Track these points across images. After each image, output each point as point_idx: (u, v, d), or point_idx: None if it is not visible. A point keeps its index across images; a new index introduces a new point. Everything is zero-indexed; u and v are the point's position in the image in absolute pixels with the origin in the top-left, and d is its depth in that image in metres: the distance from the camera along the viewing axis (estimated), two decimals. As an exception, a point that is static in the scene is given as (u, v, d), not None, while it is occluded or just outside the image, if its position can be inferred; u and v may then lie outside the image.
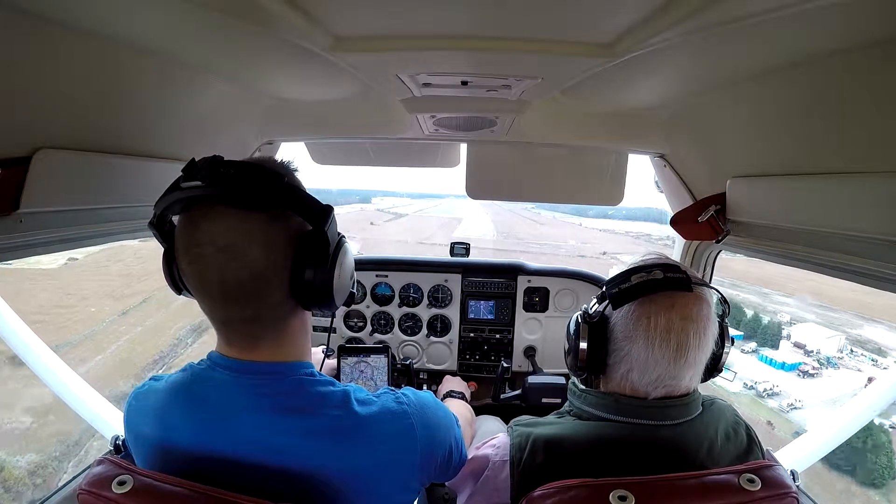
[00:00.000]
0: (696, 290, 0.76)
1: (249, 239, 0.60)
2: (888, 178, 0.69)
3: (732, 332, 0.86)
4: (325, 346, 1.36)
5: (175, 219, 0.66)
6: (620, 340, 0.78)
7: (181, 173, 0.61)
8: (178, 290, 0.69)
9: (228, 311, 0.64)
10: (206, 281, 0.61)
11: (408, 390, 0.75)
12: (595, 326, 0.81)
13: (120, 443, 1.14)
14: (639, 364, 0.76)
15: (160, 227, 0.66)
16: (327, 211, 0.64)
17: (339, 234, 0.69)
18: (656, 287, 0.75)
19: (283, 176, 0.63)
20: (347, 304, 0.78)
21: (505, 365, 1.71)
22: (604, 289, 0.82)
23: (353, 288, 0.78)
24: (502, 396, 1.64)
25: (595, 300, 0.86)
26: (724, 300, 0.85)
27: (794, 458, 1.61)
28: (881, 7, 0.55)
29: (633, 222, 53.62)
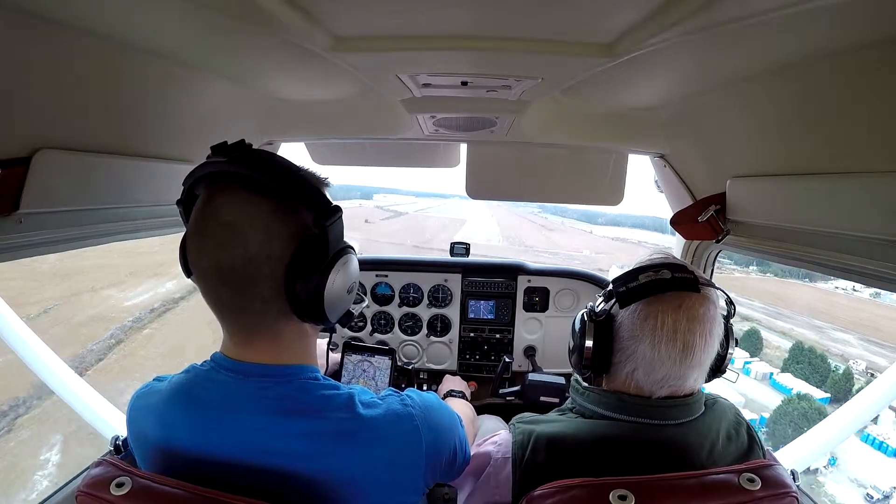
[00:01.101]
0: (703, 291, 0.76)
1: (252, 221, 0.60)
2: (888, 178, 0.69)
3: (820, 394, 0.84)
4: (328, 340, 1.36)
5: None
6: (626, 339, 0.78)
7: (189, 163, 0.62)
8: (188, 273, 0.68)
9: (218, 293, 0.63)
10: (203, 255, 0.61)
11: (412, 392, 0.75)
12: (601, 325, 0.81)
13: (119, 443, 1.14)
14: (644, 363, 0.76)
15: (187, 206, 0.66)
16: (333, 210, 0.64)
17: (345, 242, 0.68)
18: (664, 287, 0.75)
19: (299, 169, 0.64)
20: (343, 322, 0.75)
21: (507, 360, 1.71)
22: (610, 287, 0.82)
23: (351, 306, 0.74)
24: (501, 391, 1.64)
25: (601, 299, 0.86)
26: (729, 301, 0.85)
27: (795, 458, 1.61)
28: (881, 8, 0.55)
29: (645, 231, 51.42)
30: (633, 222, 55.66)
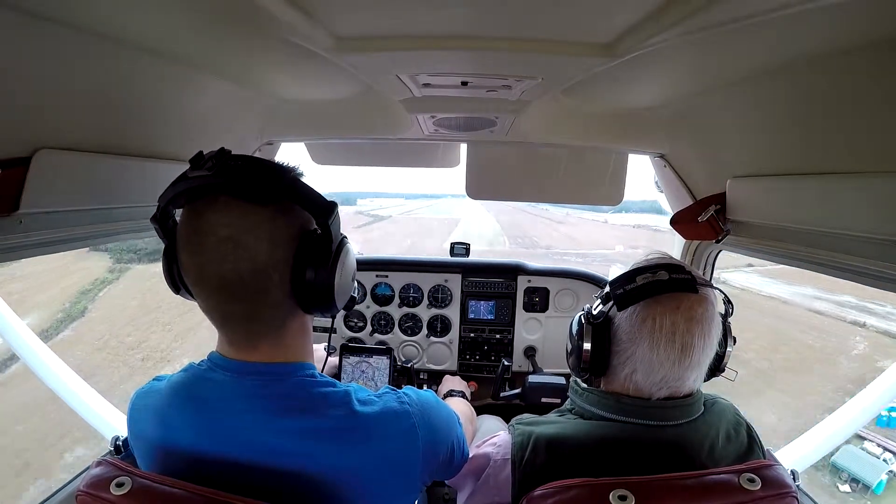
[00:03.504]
0: (701, 292, 0.76)
1: (252, 232, 0.59)
2: (888, 178, 0.69)
3: None
4: (326, 344, 1.36)
5: (178, 217, 0.65)
6: (625, 342, 0.78)
7: (188, 164, 0.61)
8: (177, 289, 0.68)
9: (227, 307, 0.63)
10: (206, 273, 0.60)
11: (409, 389, 0.75)
12: (599, 327, 0.81)
13: (120, 443, 1.14)
14: (643, 365, 0.76)
15: (163, 223, 0.65)
16: (331, 208, 0.64)
17: (342, 234, 0.69)
18: (662, 288, 0.75)
19: (288, 171, 0.63)
20: (348, 307, 0.77)
21: (506, 363, 1.71)
22: (607, 289, 0.82)
23: (354, 292, 0.78)
24: (502, 395, 1.64)
25: (598, 301, 0.85)
26: (727, 300, 0.85)
27: (795, 458, 1.61)
28: (881, 7, 0.55)
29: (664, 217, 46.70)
30: (639, 207, 50.93)
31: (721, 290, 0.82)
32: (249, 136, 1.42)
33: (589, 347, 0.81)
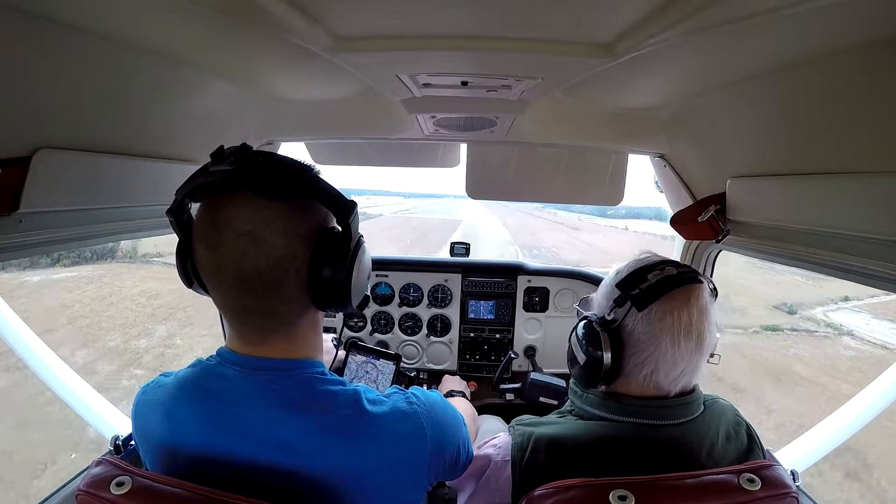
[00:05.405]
0: (703, 282, 0.79)
1: (271, 227, 0.59)
2: (888, 178, 0.69)
3: None
4: (335, 337, 1.35)
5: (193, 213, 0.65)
6: (643, 342, 0.76)
7: (189, 163, 0.61)
8: (190, 283, 0.68)
9: (242, 301, 0.63)
10: (223, 267, 0.60)
11: (417, 390, 0.75)
12: (615, 333, 0.79)
13: (119, 443, 1.14)
14: (665, 362, 0.75)
15: (178, 216, 0.65)
16: (351, 206, 0.64)
17: (359, 233, 0.69)
18: (676, 283, 0.76)
19: (309, 168, 0.64)
20: (361, 306, 0.76)
21: (513, 356, 1.71)
22: (619, 292, 0.80)
23: (367, 290, 0.77)
24: (501, 387, 1.64)
25: (611, 304, 0.82)
26: (713, 288, 0.85)
27: (795, 458, 1.61)
28: (881, 7, 0.56)
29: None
30: (652, 214, 47.56)
31: (708, 279, 0.83)
32: (249, 135, 1.42)
33: (608, 355, 0.79)
